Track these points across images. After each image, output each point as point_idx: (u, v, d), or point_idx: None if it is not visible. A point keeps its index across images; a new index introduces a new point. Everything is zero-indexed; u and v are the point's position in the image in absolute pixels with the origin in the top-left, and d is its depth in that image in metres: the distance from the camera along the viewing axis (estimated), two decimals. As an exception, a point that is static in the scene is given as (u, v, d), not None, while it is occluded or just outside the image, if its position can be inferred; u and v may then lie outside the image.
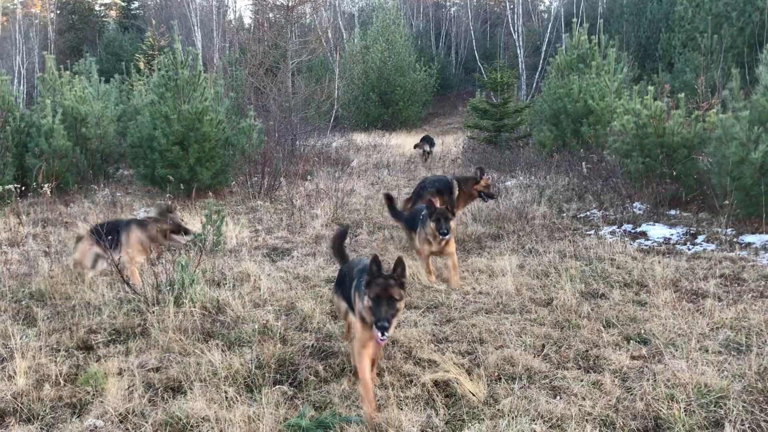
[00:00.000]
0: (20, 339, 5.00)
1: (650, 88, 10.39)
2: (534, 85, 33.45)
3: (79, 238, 7.01)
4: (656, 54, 24.83)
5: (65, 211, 10.82)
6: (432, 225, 6.67)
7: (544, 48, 34.93)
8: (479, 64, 36.49)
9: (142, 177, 12.49)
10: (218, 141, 12.11)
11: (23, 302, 6.12)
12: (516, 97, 24.55)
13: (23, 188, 11.31)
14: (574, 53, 15.40)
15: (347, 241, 7.50)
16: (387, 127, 29.92)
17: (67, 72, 13.96)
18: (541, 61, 34.05)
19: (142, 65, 23.59)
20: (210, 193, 10.52)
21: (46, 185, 10.27)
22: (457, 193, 9.09)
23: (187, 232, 7.08)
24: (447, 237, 6.66)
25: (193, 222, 9.24)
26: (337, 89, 26.76)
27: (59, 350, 4.93)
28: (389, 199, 8.05)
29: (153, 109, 12.03)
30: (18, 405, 4.02)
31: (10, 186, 10.27)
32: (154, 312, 5.60)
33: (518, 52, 34.53)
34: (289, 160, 14.77)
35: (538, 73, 33.90)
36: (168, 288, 5.87)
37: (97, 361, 4.73)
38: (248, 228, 9.43)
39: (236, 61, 23.31)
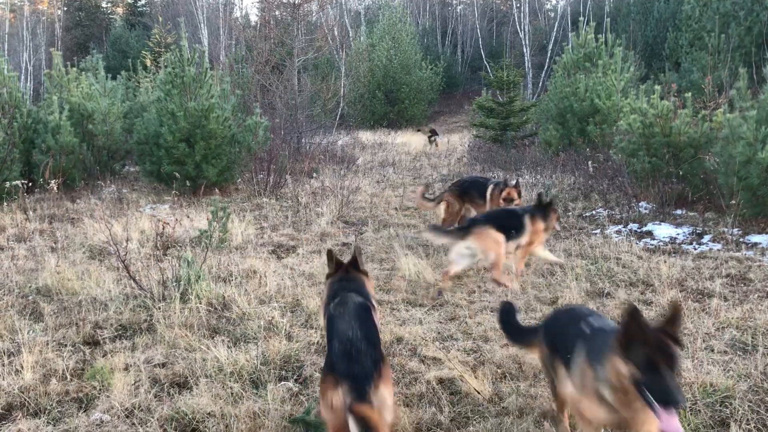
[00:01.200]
0: (27, 334, 5.03)
1: (657, 87, 10.36)
2: (540, 84, 33.38)
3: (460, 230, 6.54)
4: (663, 53, 24.77)
5: (72, 207, 10.85)
6: (619, 365, 2.73)
7: (550, 47, 34.88)
8: (485, 62, 36.50)
9: (149, 174, 12.51)
10: (224, 138, 12.13)
11: (30, 297, 6.15)
12: (522, 96, 24.56)
13: (30, 184, 11.35)
14: (580, 52, 15.37)
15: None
16: (393, 125, 29.94)
17: (74, 69, 13.99)
18: (547, 60, 34.02)
19: (148, 62, 23.65)
20: (216, 190, 10.56)
21: (52, 181, 10.31)
22: (489, 198, 8.45)
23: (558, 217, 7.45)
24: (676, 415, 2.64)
25: (200, 219, 9.26)
26: (342, 87, 26.79)
27: (66, 345, 4.95)
28: (507, 318, 4.01)
29: (159, 106, 12.05)
30: (25, 399, 4.05)
31: (17, 182, 10.33)
32: (160, 308, 5.62)
33: (524, 50, 34.48)
34: (295, 157, 14.81)
35: (544, 72, 33.85)
36: (174, 284, 5.89)
37: (103, 356, 4.75)
38: (254, 225, 9.45)
39: (242, 59, 23.35)
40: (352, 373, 2.93)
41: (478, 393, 4.07)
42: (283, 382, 4.32)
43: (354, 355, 3.00)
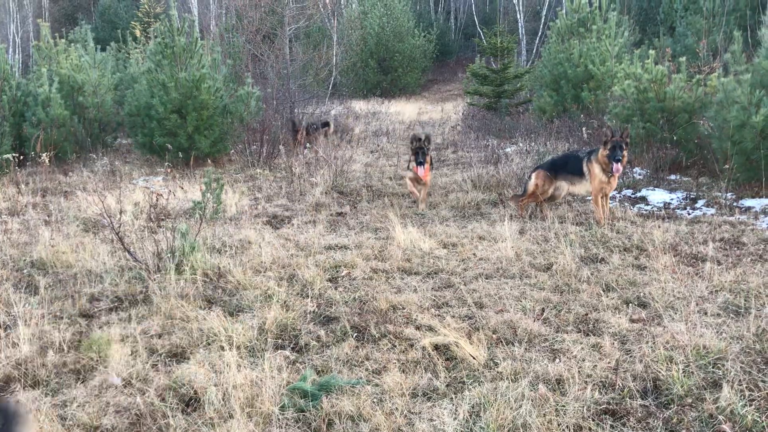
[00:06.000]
0: (23, 307, 5.03)
1: (651, 52, 10.29)
2: (534, 51, 33.12)
3: None
4: (658, 18, 24.51)
5: (64, 180, 10.80)
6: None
7: (544, 12, 34.50)
8: (479, 29, 36.11)
9: (141, 146, 12.44)
10: (216, 109, 12.04)
11: (25, 271, 6.14)
12: (516, 63, 24.35)
13: (21, 158, 11.28)
14: (574, 17, 15.21)
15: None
16: (386, 94, 29.73)
17: (63, 40, 13.81)
18: (541, 26, 33.70)
19: (138, 33, 23.32)
20: (209, 161, 10.50)
21: (44, 154, 10.24)
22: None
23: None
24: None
25: (193, 190, 9.23)
26: (335, 56, 26.55)
27: (62, 317, 4.96)
28: None
29: (150, 77, 11.93)
30: (23, 371, 4.06)
31: (8, 155, 10.25)
32: (155, 279, 5.63)
33: (518, 16, 34.13)
34: (288, 127, 14.69)
35: (538, 38, 33.55)
36: (169, 255, 5.89)
37: (99, 327, 4.76)
38: (248, 196, 9.43)
39: (233, 28, 23.06)
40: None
41: (474, 358, 4.10)
42: (280, 351, 4.34)
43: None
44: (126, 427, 3.50)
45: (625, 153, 7.33)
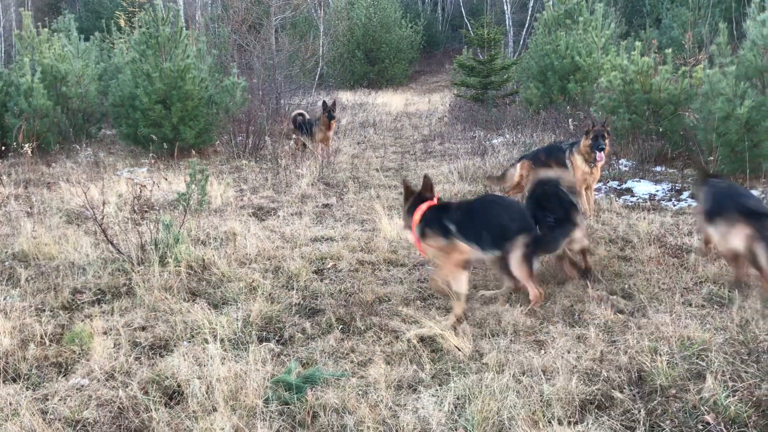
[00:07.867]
0: (3, 299, 4.97)
1: (637, 44, 10.30)
2: (521, 42, 33.07)
3: None
4: (644, 10, 24.61)
5: (47, 171, 10.68)
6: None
7: (531, 4, 34.44)
8: (466, 20, 36.04)
9: (125, 136, 12.32)
10: (201, 99, 11.93)
11: (6, 263, 6.07)
12: (503, 54, 24.36)
13: (3, 148, 11.14)
14: (561, 9, 15.19)
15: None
16: (373, 85, 29.60)
17: (46, 29, 13.62)
18: (528, 18, 33.67)
19: (122, 22, 23.05)
20: (194, 153, 10.41)
21: (26, 145, 10.11)
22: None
23: None
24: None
25: (178, 182, 9.16)
26: (321, 46, 26.40)
27: (44, 310, 4.90)
28: None
29: (134, 67, 11.81)
30: (3, 365, 4.01)
31: (-10, 146, 10.13)
32: (138, 271, 5.57)
33: (505, 8, 34.07)
34: (274, 119, 14.60)
35: (525, 30, 33.53)
36: (152, 247, 5.84)
37: (82, 320, 4.71)
38: (233, 187, 9.36)
39: (218, 18, 22.89)
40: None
41: (459, 350, 4.10)
42: (264, 343, 4.31)
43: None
44: (108, 421, 3.47)
45: (606, 142, 7.31)
